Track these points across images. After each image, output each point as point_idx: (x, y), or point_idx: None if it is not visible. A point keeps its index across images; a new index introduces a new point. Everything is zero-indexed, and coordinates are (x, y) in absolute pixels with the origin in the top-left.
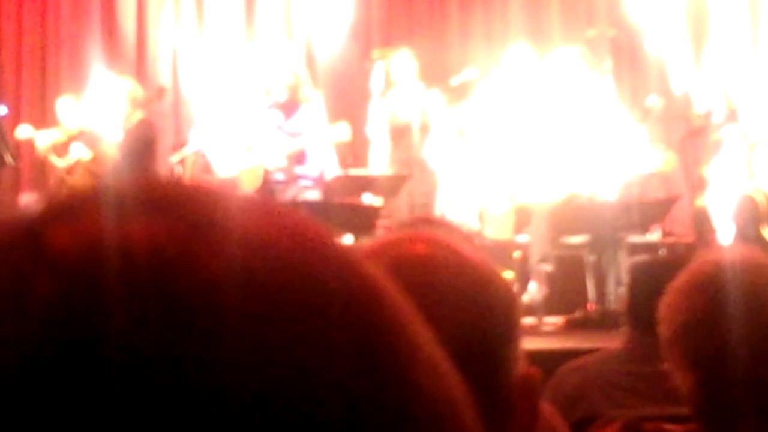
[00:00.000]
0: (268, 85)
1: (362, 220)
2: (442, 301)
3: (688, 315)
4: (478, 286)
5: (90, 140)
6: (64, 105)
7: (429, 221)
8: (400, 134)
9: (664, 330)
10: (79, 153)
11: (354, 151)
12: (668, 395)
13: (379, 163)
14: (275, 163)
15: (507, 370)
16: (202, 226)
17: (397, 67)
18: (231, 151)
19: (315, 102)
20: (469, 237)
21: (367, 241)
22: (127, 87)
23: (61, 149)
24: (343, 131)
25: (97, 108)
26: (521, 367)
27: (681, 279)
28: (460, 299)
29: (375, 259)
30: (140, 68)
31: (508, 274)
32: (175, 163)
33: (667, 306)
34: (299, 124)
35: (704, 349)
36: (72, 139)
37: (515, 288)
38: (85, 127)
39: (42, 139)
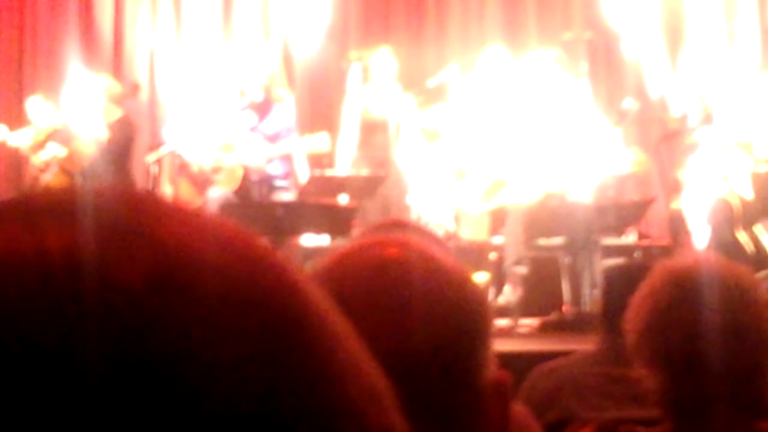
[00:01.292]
0: (244, 85)
1: (337, 220)
2: (413, 305)
3: (653, 314)
4: (449, 289)
5: (65, 138)
6: (33, 104)
7: (401, 224)
8: (373, 132)
9: (630, 332)
10: (55, 151)
11: (330, 153)
12: (641, 398)
13: (349, 160)
14: (257, 162)
15: (478, 373)
16: (117, 233)
17: (376, 66)
18: (207, 150)
19: (288, 103)
20: (441, 240)
21: (340, 244)
22: (104, 84)
23: (40, 148)
24: (323, 142)
25: (74, 105)
26: (493, 371)
27: (643, 284)
28: (431, 303)
29: (346, 263)
30: (117, 67)
31: (484, 276)
32: (152, 162)
33: (632, 310)
34: (274, 125)
35: (671, 347)
36: (48, 137)
37: (491, 289)
38: (58, 125)
39: (21, 139)
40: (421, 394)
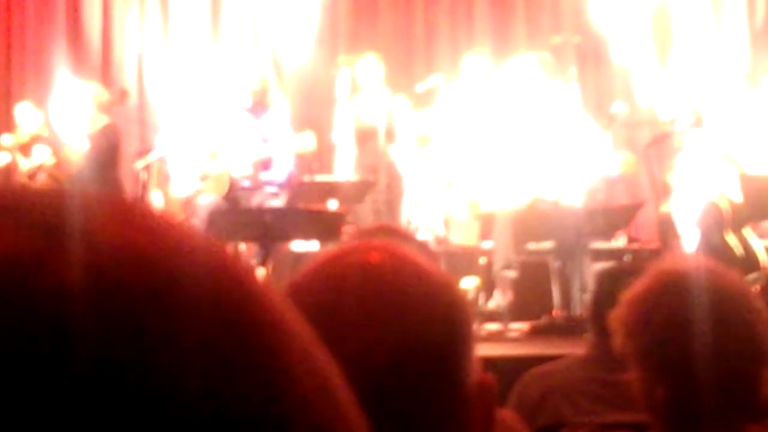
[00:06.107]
0: (234, 90)
1: (327, 226)
2: (393, 309)
3: (642, 312)
4: (429, 294)
5: (54, 145)
6: (22, 110)
7: (387, 230)
8: (365, 140)
9: (629, 343)
10: (43, 156)
11: (320, 158)
12: (632, 403)
13: (345, 169)
14: (241, 171)
15: (462, 376)
16: (54, 233)
17: (364, 72)
18: (196, 157)
19: (281, 107)
20: (427, 245)
21: (324, 249)
22: (91, 91)
23: (25, 150)
24: (308, 141)
25: (62, 112)
26: (477, 373)
27: (638, 293)
28: (411, 307)
29: (328, 267)
30: (105, 73)
31: (474, 281)
32: (140, 169)
33: (629, 318)
34: (268, 128)
35: (676, 360)
36: (34, 140)
37: (481, 294)
38: (44, 130)
39: (4, 140)
40: (404, 396)
